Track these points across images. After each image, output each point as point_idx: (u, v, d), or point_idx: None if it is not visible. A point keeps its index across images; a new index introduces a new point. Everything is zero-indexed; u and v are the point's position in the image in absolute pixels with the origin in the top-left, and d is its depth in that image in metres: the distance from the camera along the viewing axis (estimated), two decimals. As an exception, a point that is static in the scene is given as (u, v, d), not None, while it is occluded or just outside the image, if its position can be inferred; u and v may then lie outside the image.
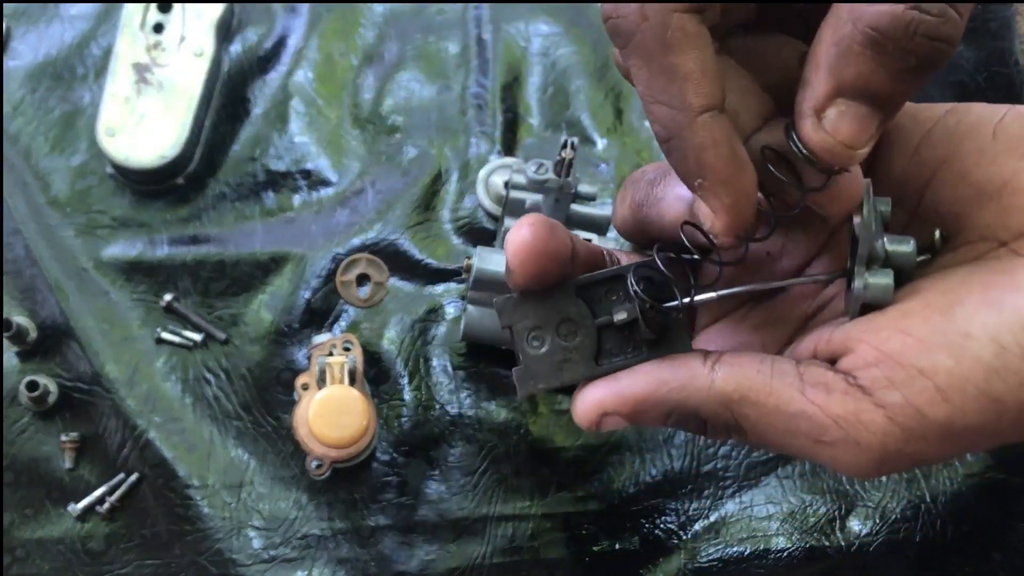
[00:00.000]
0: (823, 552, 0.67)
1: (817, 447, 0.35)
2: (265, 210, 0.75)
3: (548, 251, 0.38)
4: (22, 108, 0.76)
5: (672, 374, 0.37)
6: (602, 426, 0.38)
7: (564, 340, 0.39)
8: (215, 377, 0.71)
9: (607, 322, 0.39)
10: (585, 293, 0.39)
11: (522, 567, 0.67)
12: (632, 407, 0.37)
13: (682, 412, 0.37)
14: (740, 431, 0.36)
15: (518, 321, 0.39)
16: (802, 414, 0.35)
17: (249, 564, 0.66)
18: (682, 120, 0.34)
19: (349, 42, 0.79)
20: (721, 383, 0.36)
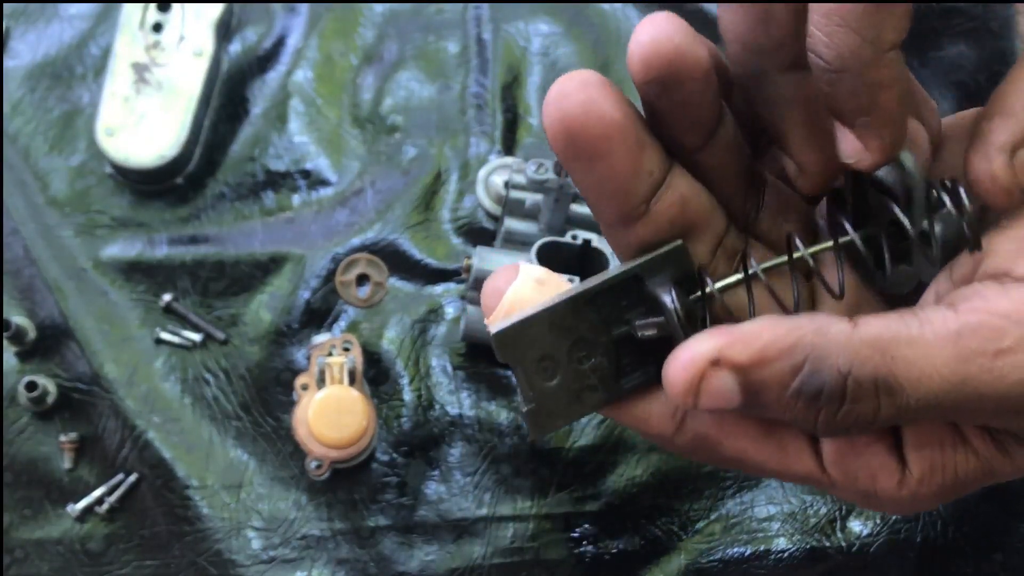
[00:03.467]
0: (824, 553, 0.67)
1: (997, 363, 0.29)
2: (264, 210, 0.75)
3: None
4: (21, 108, 0.76)
5: (802, 320, 0.30)
6: (703, 391, 0.30)
7: (579, 364, 0.33)
8: (214, 377, 0.70)
9: (626, 334, 0.33)
10: (594, 306, 0.33)
11: (522, 567, 0.67)
12: (755, 354, 0.29)
13: (818, 363, 0.29)
14: (892, 384, 0.29)
15: (521, 352, 0.32)
16: (968, 329, 0.29)
17: (248, 565, 0.66)
18: (867, 54, 0.30)
19: (349, 42, 0.79)
20: (863, 325, 0.30)
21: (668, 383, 0.30)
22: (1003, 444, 0.32)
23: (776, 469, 0.34)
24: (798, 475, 0.34)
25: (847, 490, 0.33)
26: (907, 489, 0.33)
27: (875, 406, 0.30)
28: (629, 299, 0.33)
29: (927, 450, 0.32)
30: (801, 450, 0.33)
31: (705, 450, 0.34)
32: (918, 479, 0.32)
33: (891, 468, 0.32)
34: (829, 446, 0.33)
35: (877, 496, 0.33)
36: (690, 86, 0.31)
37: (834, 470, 0.33)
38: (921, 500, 0.33)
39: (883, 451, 0.33)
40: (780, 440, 0.33)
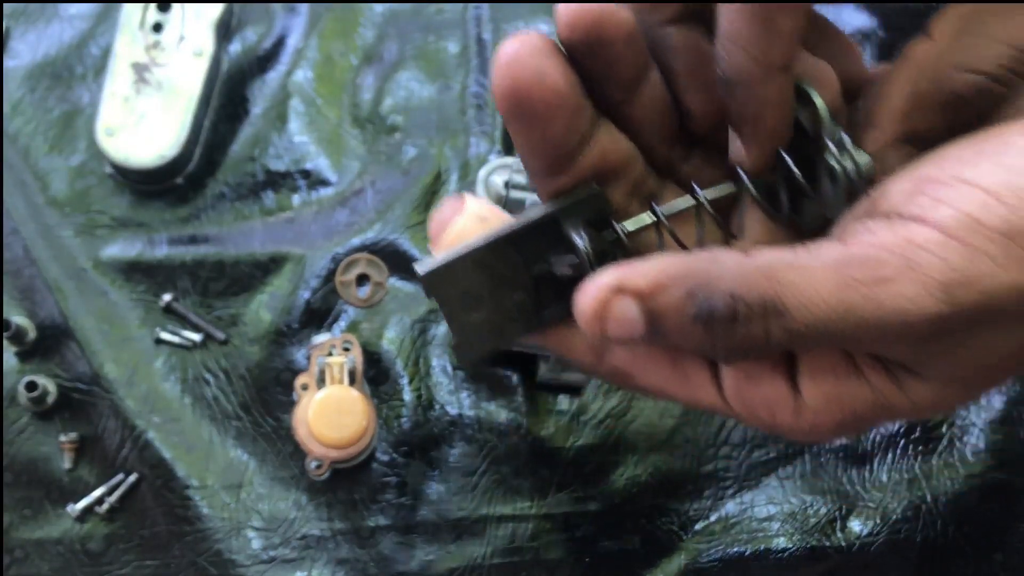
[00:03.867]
0: (824, 552, 0.67)
1: (877, 291, 0.31)
2: (264, 210, 0.75)
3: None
4: (21, 108, 0.76)
5: (698, 253, 0.33)
6: (609, 316, 0.32)
7: (501, 299, 0.36)
8: (214, 377, 0.70)
9: (545, 271, 0.36)
10: (515, 246, 0.35)
11: (522, 567, 0.67)
12: (652, 280, 0.32)
13: (710, 288, 0.31)
14: (780, 308, 0.31)
15: (447, 289, 0.35)
16: (852, 259, 0.31)
17: (248, 565, 0.66)
18: (757, 73, 0.33)
19: (349, 42, 0.79)
20: (756, 255, 0.32)
21: (578, 312, 0.33)
22: (896, 376, 0.34)
23: (686, 400, 0.36)
24: (704, 405, 0.36)
25: (749, 420, 0.35)
26: (804, 420, 0.34)
27: (764, 328, 0.31)
28: (548, 240, 0.36)
29: (821, 381, 0.34)
30: (704, 382, 0.35)
31: (621, 381, 0.37)
32: (814, 410, 0.34)
33: (787, 399, 0.34)
34: (728, 378, 0.35)
35: (777, 427, 0.35)
36: (614, 47, 0.33)
37: (734, 401, 0.35)
38: (820, 431, 0.35)
39: (779, 382, 0.34)
40: (685, 373, 0.35)
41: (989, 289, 0.31)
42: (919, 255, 0.31)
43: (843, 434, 0.36)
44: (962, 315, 0.31)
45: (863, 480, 0.69)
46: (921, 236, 0.31)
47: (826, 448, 0.69)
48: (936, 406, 0.34)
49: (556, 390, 0.70)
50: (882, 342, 0.32)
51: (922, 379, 0.33)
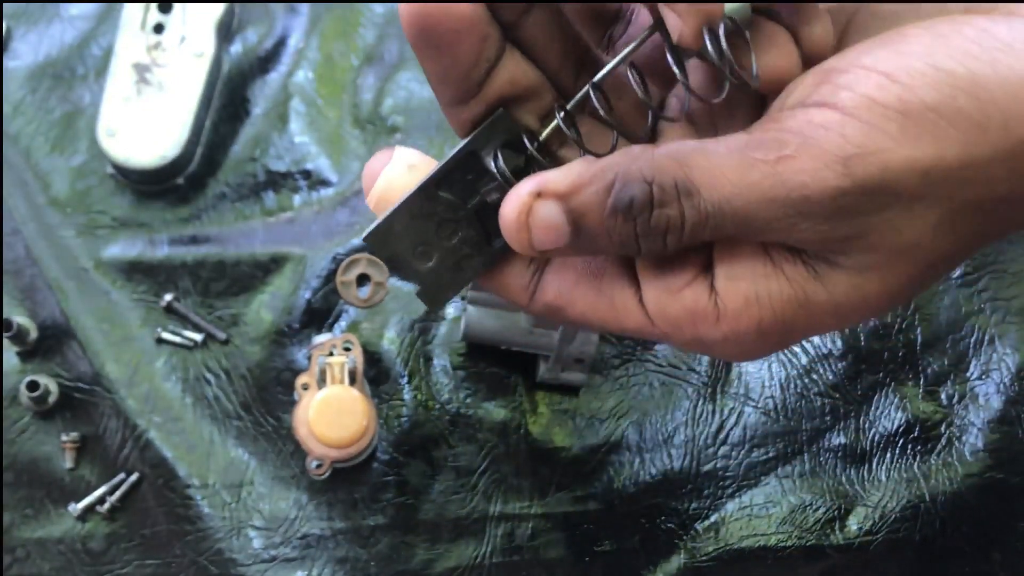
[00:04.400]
0: (823, 552, 0.67)
1: (778, 168, 0.32)
2: (265, 210, 0.75)
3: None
4: (22, 108, 0.76)
5: (612, 154, 0.34)
6: (533, 223, 0.34)
7: (448, 241, 0.37)
8: (215, 377, 0.71)
9: (481, 203, 0.37)
10: (445, 187, 0.36)
11: (522, 567, 0.67)
12: (571, 181, 0.33)
13: (627, 178, 0.33)
14: (691, 188, 0.33)
15: (395, 246, 0.37)
16: (755, 142, 0.33)
17: (249, 564, 0.67)
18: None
19: (349, 42, 0.79)
20: (666, 147, 0.34)
21: (504, 225, 0.34)
22: (813, 268, 0.34)
23: (615, 326, 0.37)
24: (632, 329, 0.37)
25: (674, 336, 0.36)
26: (725, 325, 0.35)
27: (679, 210, 0.33)
28: (473, 172, 0.37)
29: (738, 279, 0.35)
30: (629, 303, 0.36)
31: (554, 316, 0.38)
32: (734, 313, 0.35)
33: (707, 307, 0.35)
34: (650, 294, 0.36)
35: (701, 339, 0.35)
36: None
37: (658, 318, 0.36)
38: (742, 339, 0.35)
39: (698, 290, 0.35)
40: (611, 298, 0.36)
41: (886, 163, 0.31)
42: (818, 133, 0.32)
43: (767, 343, 0.36)
44: (862, 189, 0.32)
45: (862, 479, 0.69)
46: (820, 117, 0.32)
47: (825, 447, 0.69)
48: (857, 303, 0.34)
49: (556, 390, 0.70)
50: (788, 223, 0.33)
51: (837, 268, 0.34)
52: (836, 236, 0.33)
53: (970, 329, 0.72)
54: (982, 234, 0.34)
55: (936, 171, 0.32)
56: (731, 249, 0.35)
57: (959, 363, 0.71)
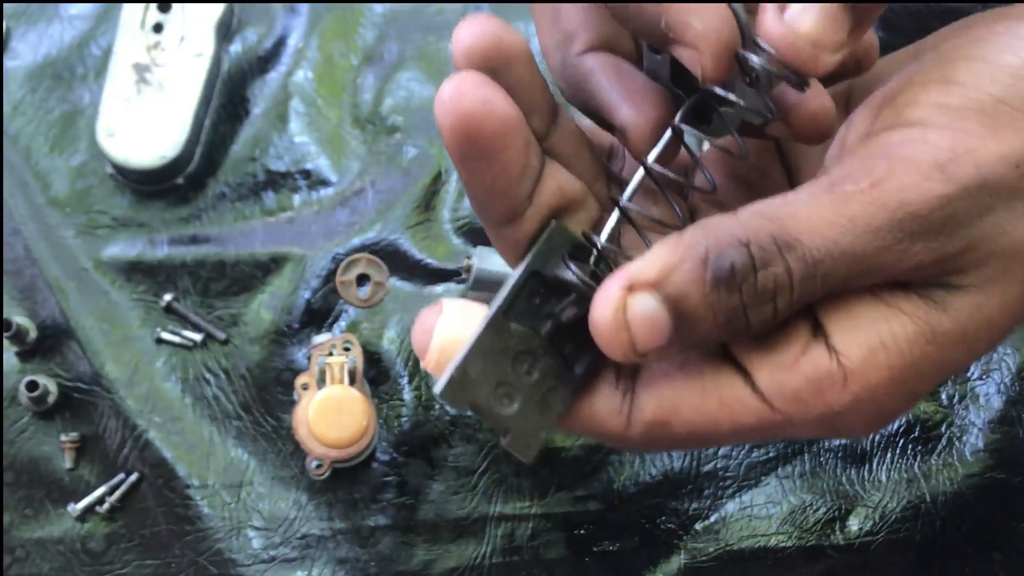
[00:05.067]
0: (823, 552, 0.67)
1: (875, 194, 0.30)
2: (265, 210, 0.75)
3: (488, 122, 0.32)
4: (22, 108, 0.76)
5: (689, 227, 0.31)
6: (631, 324, 0.30)
7: (529, 376, 0.34)
8: (215, 377, 0.71)
9: (555, 326, 0.34)
10: (514, 316, 0.34)
11: (522, 567, 0.67)
12: (661, 266, 0.30)
13: (719, 246, 0.30)
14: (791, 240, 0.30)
15: (474, 394, 0.33)
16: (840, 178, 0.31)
17: (249, 564, 0.67)
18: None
19: (349, 42, 0.79)
20: (747, 208, 0.31)
21: (597, 333, 0.31)
22: (931, 298, 0.32)
23: (729, 427, 0.33)
24: (750, 424, 0.33)
25: (801, 416, 0.32)
26: (855, 384, 0.31)
27: (785, 266, 0.30)
28: (540, 295, 0.34)
29: (856, 333, 0.32)
30: (741, 393, 0.33)
31: (659, 436, 0.34)
32: (861, 368, 0.31)
33: (830, 369, 0.32)
34: (763, 377, 0.32)
35: (831, 409, 0.32)
36: (517, 67, 0.33)
37: (778, 400, 0.32)
38: (878, 395, 0.32)
39: (815, 356, 0.32)
40: (719, 397, 0.33)
41: (979, 160, 0.30)
42: (904, 149, 0.31)
43: (901, 395, 0.32)
44: (965, 192, 0.30)
45: (862, 479, 0.69)
46: (898, 136, 0.31)
47: (825, 447, 0.69)
48: (982, 325, 0.32)
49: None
50: (901, 250, 0.30)
51: (956, 291, 0.32)
52: (951, 251, 0.31)
53: (970, 329, 0.72)
54: None
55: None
56: (838, 303, 0.32)
57: (959, 363, 0.71)
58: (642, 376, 0.34)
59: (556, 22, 0.38)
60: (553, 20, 0.38)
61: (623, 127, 0.36)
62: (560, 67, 0.38)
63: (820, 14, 0.31)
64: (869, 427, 0.33)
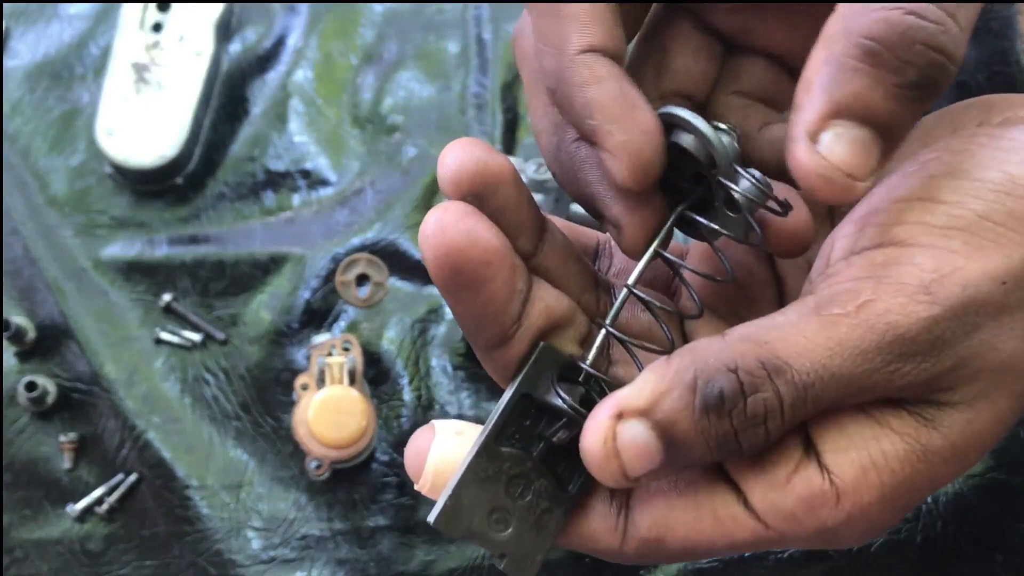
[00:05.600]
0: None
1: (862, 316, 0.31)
2: (264, 210, 0.75)
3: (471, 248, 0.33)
4: (21, 108, 0.76)
5: (677, 352, 0.32)
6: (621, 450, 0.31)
7: (522, 499, 0.34)
8: (214, 377, 0.70)
9: (546, 447, 0.34)
10: (506, 440, 0.34)
11: (522, 568, 0.67)
12: (650, 393, 0.31)
13: (707, 373, 0.31)
14: (780, 364, 0.30)
15: (468, 522, 0.33)
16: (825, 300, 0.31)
17: (248, 565, 0.66)
18: (563, 61, 0.33)
19: (349, 42, 0.79)
20: (734, 331, 0.32)
21: (588, 461, 0.31)
22: (921, 415, 0.32)
23: (724, 544, 0.34)
24: (745, 540, 0.33)
25: (795, 534, 0.33)
26: (848, 503, 0.32)
27: (774, 389, 0.30)
28: (530, 417, 0.34)
29: (848, 452, 0.32)
30: (736, 514, 0.33)
31: (654, 552, 0.34)
32: (853, 487, 0.32)
33: (823, 488, 0.32)
34: (756, 496, 0.33)
35: (824, 526, 0.32)
36: (503, 191, 0.34)
37: (772, 518, 0.33)
38: (870, 513, 0.32)
39: (808, 475, 0.32)
40: (714, 514, 0.33)
41: (965, 280, 0.31)
42: (889, 270, 0.31)
43: (892, 511, 0.33)
44: (951, 312, 0.31)
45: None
46: (882, 256, 0.31)
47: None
48: (974, 440, 0.32)
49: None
50: (889, 371, 0.31)
51: (946, 407, 0.32)
52: (940, 370, 0.31)
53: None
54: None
55: (1011, 277, 0.31)
56: (829, 421, 0.32)
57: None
58: (636, 493, 0.34)
59: (551, 106, 0.37)
60: (548, 103, 0.37)
61: (616, 223, 0.36)
62: (555, 152, 0.38)
63: (854, 142, 0.31)
64: (861, 540, 0.34)
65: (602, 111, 0.33)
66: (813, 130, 0.31)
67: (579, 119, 0.34)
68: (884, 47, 0.30)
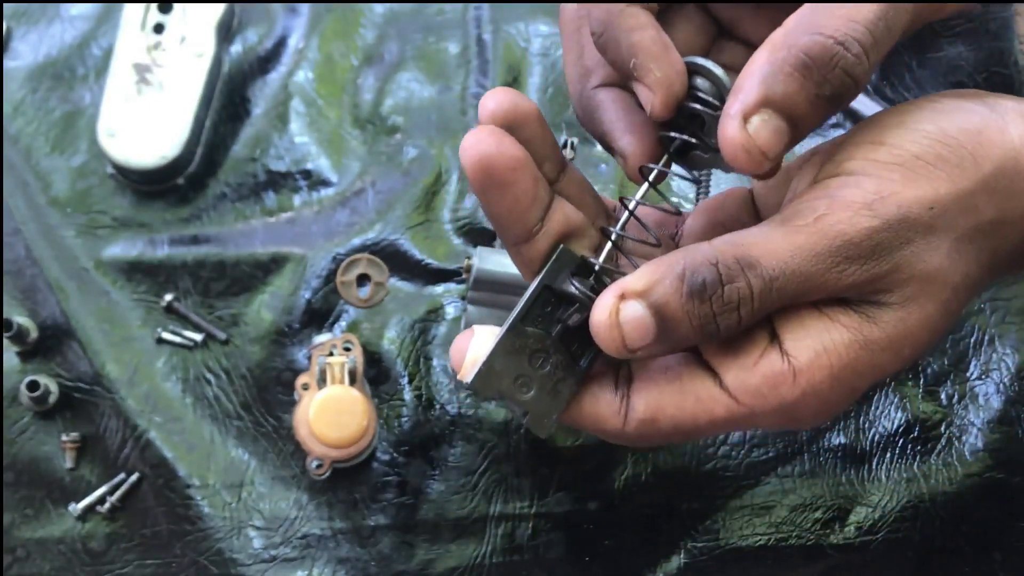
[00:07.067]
0: (823, 551, 0.67)
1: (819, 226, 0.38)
2: (265, 210, 0.75)
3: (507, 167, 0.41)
4: (23, 108, 0.76)
5: (671, 252, 0.40)
6: (622, 323, 0.39)
7: (543, 369, 0.42)
8: (215, 377, 0.71)
9: (563, 329, 0.42)
10: (530, 322, 0.42)
11: (522, 567, 0.67)
12: (646, 280, 0.39)
13: (694, 265, 0.38)
14: (752, 260, 0.38)
15: (498, 384, 0.42)
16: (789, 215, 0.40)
17: (249, 564, 0.67)
18: (613, 10, 0.42)
19: (349, 42, 0.79)
20: (717, 238, 0.40)
21: (596, 332, 0.39)
22: (862, 311, 0.40)
23: (705, 420, 0.41)
24: (722, 416, 0.41)
25: (761, 408, 0.40)
26: (803, 379, 0.39)
27: (746, 281, 0.38)
28: (551, 304, 0.42)
29: (804, 340, 0.40)
30: (714, 393, 0.41)
31: (649, 432, 0.42)
32: (807, 366, 0.39)
33: (783, 368, 0.39)
34: (729, 377, 0.40)
35: (783, 401, 0.40)
36: (531, 126, 0.42)
37: (742, 394, 0.40)
38: (821, 389, 0.39)
39: (772, 358, 0.40)
40: (696, 395, 0.41)
41: (900, 201, 0.39)
42: (840, 192, 0.39)
43: (841, 391, 0.40)
44: (888, 225, 0.39)
45: (862, 479, 0.69)
46: (836, 182, 0.40)
47: (825, 447, 0.69)
48: (904, 334, 0.40)
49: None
50: (838, 271, 0.38)
51: (882, 306, 0.40)
52: (878, 272, 0.39)
53: (970, 329, 0.72)
54: (987, 259, 0.41)
55: (937, 204, 0.39)
56: (791, 316, 0.40)
57: (959, 363, 0.71)
58: (635, 383, 0.42)
59: (580, 58, 0.47)
60: (578, 56, 0.47)
61: (622, 153, 0.45)
62: (578, 96, 0.47)
63: (774, 130, 0.39)
64: (816, 419, 0.41)
65: (644, 51, 0.41)
66: (747, 112, 0.39)
67: (623, 59, 0.42)
68: (815, 64, 0.38)
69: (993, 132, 0.40)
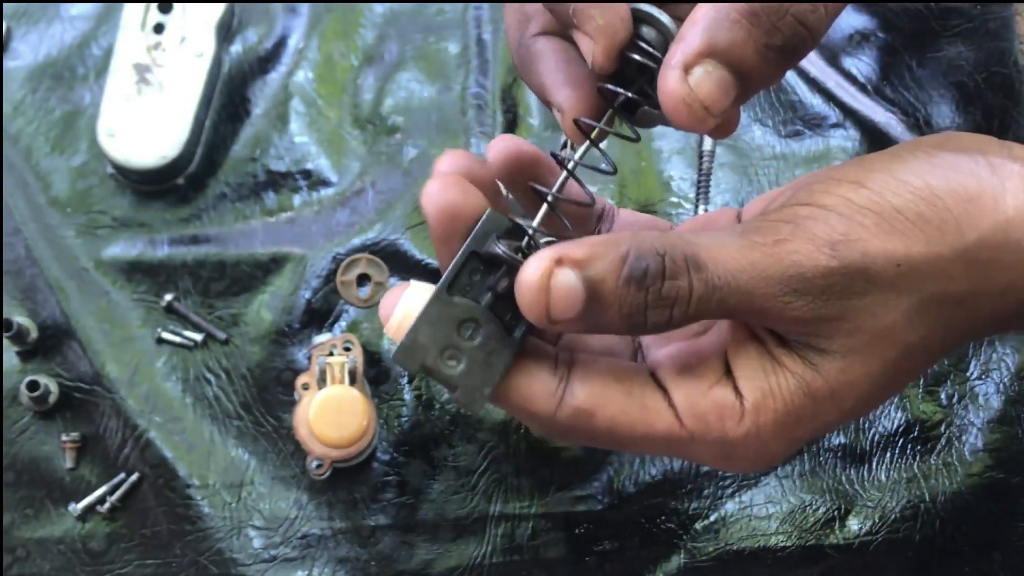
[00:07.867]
0: (822, 552, 0.67)
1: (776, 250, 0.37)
2: (265, 210, 0.75)
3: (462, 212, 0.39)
4: (22, 108, 0.76)
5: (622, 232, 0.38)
6: (554, 286, 0.36)
7: (472, 340, 0.39)
8: (215, 377, 0.71)
9: (493, 297, 0.39)
10: (455, 290, 0.39)
11: (522, 567, 0.67)
12: (587, 252, 0.36)
13: (640, 250, 0.36)
14: (700, 262, 0.36)
15: (424, 357, 0.39)
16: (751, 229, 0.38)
17: (249, 564, 0.67)
18: None
19: (349, 42, 0.79)
20: (672, 232, 0.38)
21: (522, 293, 0.36)
22: (806, 358, 0.38)
23: (643, 431, 0.39)
24: (660, 433, 0.39)
25: (702, 436, 0.38)
26: (749, 419, 0.38)
27: (689, 281, 0.36)
28: (479, 271, 0.39)
29: (754, 379, 0.38)
30: (660, 407, 0.39)
31: (582, 426, 0.39)
32: (755, 407, 0.38)
33: (733, 403, 0.38)
34: (679, 395, 0.39)
35: (727, 436, 0.38)
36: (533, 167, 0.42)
37: (687, 416, 0.38)
38: (764, 433, 0.38)
39: (724, 389, 0.38)
40: (642, 401, 0.39)
41: (866, 250, 0.36)
42: (808, 223, 0.37)
43: (783, 439, 0.39)
44: (846, 270, 0.36)
45: (862, 479, 0.69)
46: (806, 211, 0.37)
47: (825, 447, 0.69)
48: (846, 388, 0.38)
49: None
50: (783, 301, 0.36)
51: (824, 354, 0.38)
52: (824, 315, 0.37)
53: (970, 329, 0.72)
54: (951, 328, 0.39)
55: (906, 263, 0.37)
56: (745, 354, 0.39)
57: (959, 363, 0.71)
58: (577, 369, 0.40)
59: (520, 5, 0.44)
60: (518, 3, 0.44)
61: (559, 107, 0.41)
62: (516, 45, 0.44)
63: (718, 82, 0.36)
64: (753, 463, 0.40)
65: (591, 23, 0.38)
66: (688, 63, 0.36)
67: (563, 6, 0.38)
68: (763, 11, 0.35)
69: (986, 200, 0.37)
